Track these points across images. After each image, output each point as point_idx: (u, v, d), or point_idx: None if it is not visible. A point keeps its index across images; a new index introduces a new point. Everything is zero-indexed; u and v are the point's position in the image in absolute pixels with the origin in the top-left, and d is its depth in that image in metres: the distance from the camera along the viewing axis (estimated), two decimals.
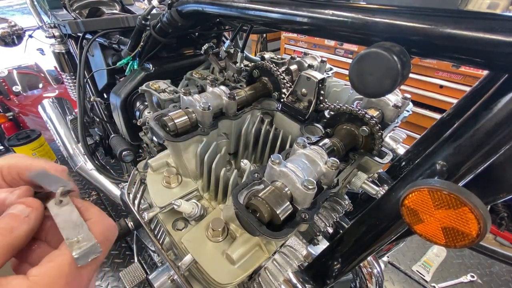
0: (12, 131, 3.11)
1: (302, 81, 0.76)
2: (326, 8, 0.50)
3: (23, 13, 5.70)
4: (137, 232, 1.09)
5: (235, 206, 0.51)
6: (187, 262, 0.59)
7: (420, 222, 0.37)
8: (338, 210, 0.69)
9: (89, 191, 2.21)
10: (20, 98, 3.35)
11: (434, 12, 0.38)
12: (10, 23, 1.44)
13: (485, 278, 1.72)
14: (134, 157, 1.24)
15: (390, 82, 0.39)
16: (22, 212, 0.33)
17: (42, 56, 2.18)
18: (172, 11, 0.86)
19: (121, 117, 1.14)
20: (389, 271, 1.73)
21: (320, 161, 0.55)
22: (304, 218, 0.50)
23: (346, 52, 2.92)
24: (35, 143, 2.27)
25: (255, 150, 0.85)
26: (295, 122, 0.76)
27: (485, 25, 0.33)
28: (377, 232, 0.51)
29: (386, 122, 0.77)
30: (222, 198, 0.73)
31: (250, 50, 4.51)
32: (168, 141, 0.67)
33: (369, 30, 0.45)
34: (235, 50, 1.05)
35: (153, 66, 1.10)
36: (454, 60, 0.38)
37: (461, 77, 2.22)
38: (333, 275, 0.61)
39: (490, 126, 0.36)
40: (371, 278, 0.75)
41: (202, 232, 0.65)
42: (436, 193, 0.34)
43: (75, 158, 1.68)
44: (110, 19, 1.24)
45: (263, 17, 0.63)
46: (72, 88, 1.62)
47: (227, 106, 0.75)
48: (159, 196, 0.71)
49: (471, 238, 0.33)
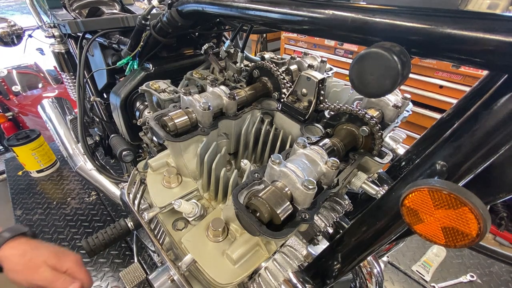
0: (11, 131, 3.11)
1: (302, 81, 0.76)
2: (326, 8, 0.50)
3: (23, 13, 5.69)
4: (137, 232, 1.09)
5: (235, 206, 0.51)
6: (187, 262, 0.59)
7: (420, 222, 0.37)
8: (338, 210, 0.69)
9: (89, 191, 2.21)
10: (20, 98, 3.35)
11: (434, 12, 0.38)
12: (9, 23, 1.44)
13: (485, 278, 1.72)
14: (134, 157, 1.24)
15: (390, 82, 0.39)
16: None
17: (42, 56, 2.18)
18: (172, 11, 0.86)
19: (121, 117, 1.14)
20: (389, 271, 1.73)
21: (320, 161, 0.55)
22: (304, 218, 0.50)
23: (346, 52, 2.92)
24: (34, 143, 2.27)
25: (255, 150, 0.85)
26: (295, 122, 0.76)
27: (485, 25, 0.33)
28: (377, 232, 0.51)
29: (386, 122, 0.77)
30: (222, 198, 0.73)
31: (250, 50, 4.51)
32: (168, 141, 0.67)
33: (369, 30, 0.45)
34: (235, 50, 1.05)
35: (153, 66, 1.10)
36: (454, 60, 0.38)
37: (461, 77, 2.22)
38: (333, 275, 0.61)
39: (490, 126, 0.36)
40: (371, 278, 0.75)
41: (202, 232, 0.65)
42: (436, 193, 0.34)
43: (75, 158, 1.68)
44: (110, 19, 1.24)
45: (263, 17, 0.63)
46: (72, 88, 1.62)
47: (227, 106, 0.75)
48: (159, 196, 0.71)
49: (471, 238, 0.33)
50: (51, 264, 0.66)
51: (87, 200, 2.13)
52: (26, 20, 1.75)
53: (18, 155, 2.30)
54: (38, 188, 2.28)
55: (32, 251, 0.67)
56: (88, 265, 1.63)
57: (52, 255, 0.67)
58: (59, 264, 0.67)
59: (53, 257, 0.67)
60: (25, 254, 0.66)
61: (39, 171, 2.38)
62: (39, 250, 0.67)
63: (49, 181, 2.35)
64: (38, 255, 0.66)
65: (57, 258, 0.67)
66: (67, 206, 2.08)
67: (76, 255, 0.72)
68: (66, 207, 2.07)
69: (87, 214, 1.99)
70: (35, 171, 2.37)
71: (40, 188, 2.28)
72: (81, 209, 2.05)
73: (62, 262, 0.68)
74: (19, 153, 2.28)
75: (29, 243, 0.69)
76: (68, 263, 0.68)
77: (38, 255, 0.66)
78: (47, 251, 0.68)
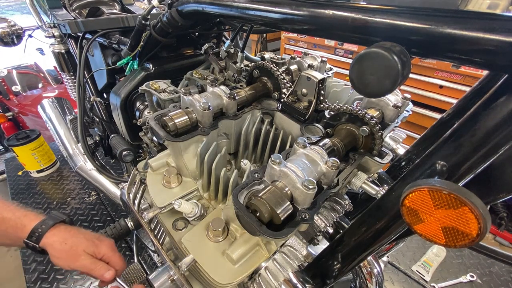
0: (11, 131, 3.11)
1: (302, 81, 0.76)
2: (326, 8, 0.50)
3: (23, 13, 5.69)
4: (137, 232, 1.09)
5: (236, 206, 0.51)
6: (187, 262, 0.59)
7: (420, 222, 0.37)
8: (338, 210, 0.69)
9: (89, 191, 2.21)
10: (20, 98, 3.35)
11: (434, 12, 0.38)
12: (9, 23, 1.44)
13: (485, 278, 1.72)
14: (134, 157, 1.24)
15: (390, 82, 0.39)
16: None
17: (42, 56, 2.17)
18: (172, 11, 0.86)
19: (121, 117, 1.14)
20: (389, 271, 1.73)
21: (320, 161, 0.55)
22: (304, 218, 0.50)
23: (346, 52, 2.92)
24: (34, 143, 2.27)
25: (255, 150, 0.85)
26: (295, 122, 0.76)
27: (485, 25, 0.33)
28: (377, 232, 0.51)
29: (386, 122, 0.77)
30: (222, 198, 0.73)
31: (250, 50, 4.51)
32: (168, 141, 0.67)
33: (369, 30, 0.45)
34: (235, 50, 1.05)
35: (153, 66, 1.10)
36: (454, 60, 0.38)
37: (461, 77, 2.22)
38: (333, 275, 0.61)
39: (490, 126, 0.36)
40: (371, 278, 0.75)
41: (202, 232, 0.65)
42: (436, 193, 0.34)
43: (75, 158, 1.68)
44: (110, 19, 1.24)
45: (263, 17, 0.63)
46: (72, 88, 1.62)
47: (227, 106, 0.75)
48: (159, 196, 0.71)
49: (471, 237, 0.33)
50: (89, 252, 0.73)
51: (87, 200, 2.13)
52: (26, 20, 1.75)
53: (18, 155, 2.30)
54: (38, 188, 2.28)
55: (72, 239, 0.73)
56: None
57: (90, 243, 0.74)
58: (97, 251, 0.74)
59: (91, 245, 0.74)
60: (66, 241, 0.72)
61: (39, 171, 2.38)
62: (78, 237, 0.74)
63: (49, 181, 2.35)
64: (78, 243, 0.73)
65: (95, 246, 0.74)
66: (67, 206, 2.08)
67: (110, 241, 0.79)
68: (66, 207, 2.07)
69: (87, 214, 2.00)
70: (35, 171, 2.37)
71: (40, 188, 2.28)
72: (81, 209, 2.05)
73: (99, 248, 0.75)
74: (19, 153, 2.28)
75: (68, 230, 0.75)
76: (104, 249, 0.75)
77: (78, 243, 0.73)
78: (85, 239, 0.74)
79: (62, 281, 1.56)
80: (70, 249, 0.71)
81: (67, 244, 0.72)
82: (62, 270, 1.61)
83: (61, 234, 0.73)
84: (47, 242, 0.71)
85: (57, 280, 1.56)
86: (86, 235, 0.76)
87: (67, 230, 0.75)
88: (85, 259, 0.71)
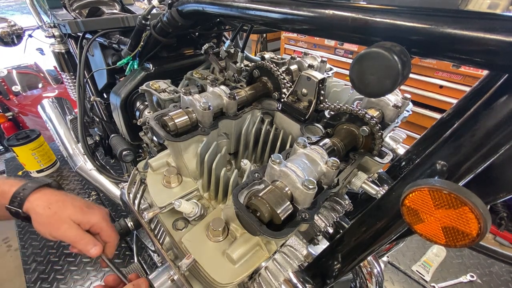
0: (11, 131, 3.11)
1: (302, 81, 0.76)
2: (326, 8, 0.50)
3: (23, 13, 5.69)
4: (137, 232, 1.09)
5: (236, 205, 0.51)
6: (187, 262, 0.59)
7: (420, 221, 0.37)
8: (338, 210, 0.69)
9: (89, 191, 2.21)
10: (20, 98, 3.35)
11: (434, 12, 0.38)
12: (9, 23, 1.44)
13: (485, 278, 1.72)
14: (134, 157, 1.24)
15: (391, 82, 0.39)
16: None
17: (42, 56, 2.18)
18: (172, 11, 0.86)
19: (121, 117, 1.14)
20: (389, 271, 1.73)
21: (320, 161, 0.55)
22: (304, 218, 0.50)
23: (346, 52, 2.92)
24: (34, 143, 2.27)
25: (255, 150, 0.85)
26: (295, 122, 0.76)
27: (485, 25, 0.33)
28: (377, 232, 0.51)
29: (386, 122, 0.77)
30: (222, 198, 0.73)
31: (250, 50, 4.51)
32: (169, 141, 0.67)
33: (369, 30, 0.45)
34: (235, 50, 1.05)
35: (153, 66, 1.10)
36: (454, 60, 0.38)
37: (461, 77, 2.22)
38: (333, 275, 0.61)
39: (490, 126, 0.36)
40: (371, 278, 0.75)
41: (202, 232, 0.65)
42: (436, 192, 0.34)
43: (75, 158, 1.68)
44: (110, 18, 1.24)
45: (263, 17, 0.63)
46: (72, 88, 1.62)
47: (228, 106, 0.75)
48: (159, 196, 0.71)
49: (471, 237, 0.33)
50: (75, 220, 0.64)
51: (87, 200, 2.13)
52: (26, 20, 1.75)
53: (18, 155, 2.30)
54: None
55: (57, 204, 0.64)
56: (88, 265, 1.64)
57: (78, 210, 0.65)
58: (85, 219, 0.65)
59: (78, 212, 0.65)
60: (50, 205, 0.64)
61: (39, 171, 2.38)
62: (64, 203, 0.65)
63: None
64: (63, 209, 0.64)
65: (83, 214, 0.66)
66: None
67: (103, 210, 0.70)
68: None
69: None
70: (35, 171, 2.37)
71: None
72: None
73: (88, 217, 0.66)
74: (19, 153, 2.28)
75: (55, 194, 0.67)
76: (93, 218, 0.66)
77: (63, 209, 0.64)
78: (72, 206, 0.65)
79: (62, 281, 1.56)
80: (54, 214, 0.62)
81: (51, 209, 0.63)
82: (62, 270, 1.61)
83: (46, 197, 0.65)
84: (30, 206, 0.63)
85: (57, 280, 1.56)
86: (74, 201, 0.67)
87: (53, 194, 0.66)
88: (69, 228, 0.62)
